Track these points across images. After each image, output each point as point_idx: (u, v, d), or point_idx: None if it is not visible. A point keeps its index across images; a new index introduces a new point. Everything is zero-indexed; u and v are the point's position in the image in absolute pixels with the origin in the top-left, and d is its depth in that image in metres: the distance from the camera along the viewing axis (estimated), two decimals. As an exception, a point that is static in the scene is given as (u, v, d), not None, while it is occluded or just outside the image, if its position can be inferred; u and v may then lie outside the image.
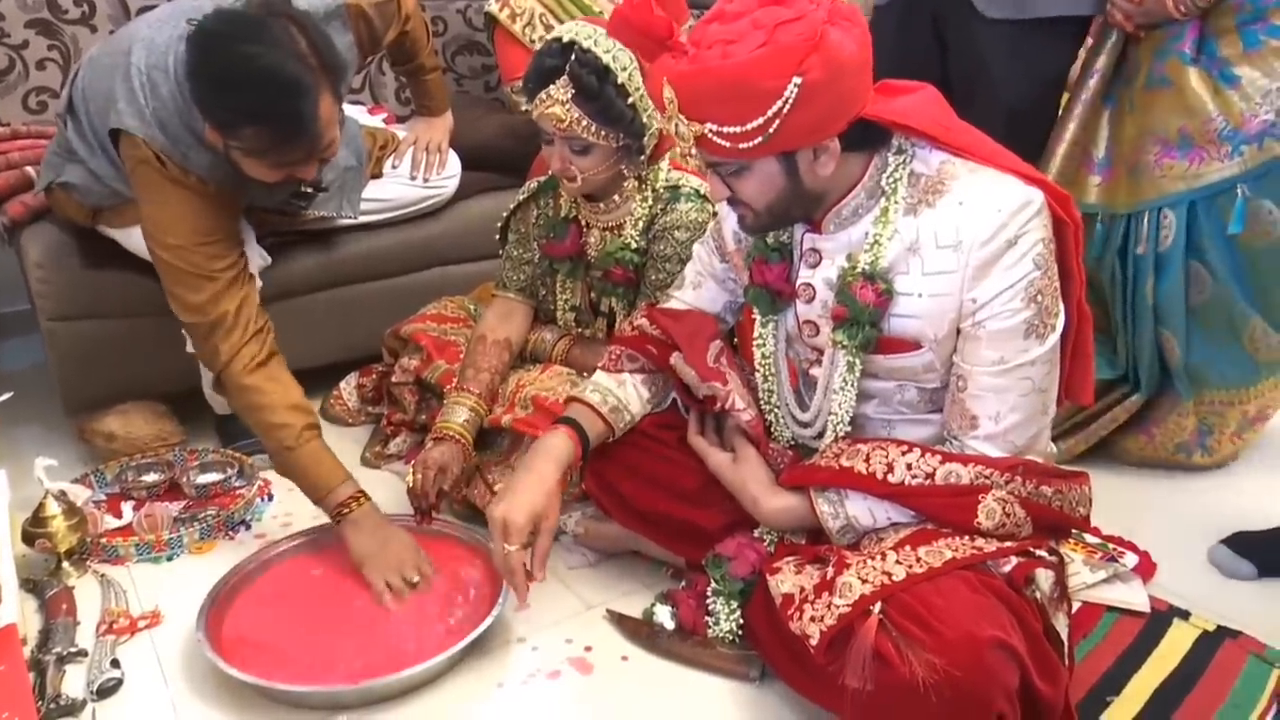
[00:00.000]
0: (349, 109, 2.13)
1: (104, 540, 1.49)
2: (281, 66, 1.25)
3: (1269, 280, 1.57)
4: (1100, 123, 1.68)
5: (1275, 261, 1.55)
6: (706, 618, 1.27)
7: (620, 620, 1.33)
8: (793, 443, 1.31)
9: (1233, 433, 1.72)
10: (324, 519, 1.50)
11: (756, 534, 1.26)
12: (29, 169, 1.85)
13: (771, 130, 1.03)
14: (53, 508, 1.42)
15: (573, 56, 1.35)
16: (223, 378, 1.43)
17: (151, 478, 1.65)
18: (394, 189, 1.97)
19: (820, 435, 1.26)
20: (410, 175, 1.98)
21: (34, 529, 1.41)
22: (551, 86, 1.36)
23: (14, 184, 1.85)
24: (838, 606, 1.05)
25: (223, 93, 1.28)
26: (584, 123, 1.36)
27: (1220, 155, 1.53)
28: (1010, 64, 1.71)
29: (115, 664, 1.24)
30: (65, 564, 1.43)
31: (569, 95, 1.35)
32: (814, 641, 1.05)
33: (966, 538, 1.10)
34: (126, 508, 1.59)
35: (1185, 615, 1.36)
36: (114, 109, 1.42)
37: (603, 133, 1.38)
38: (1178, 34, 1.56)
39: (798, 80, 1.00)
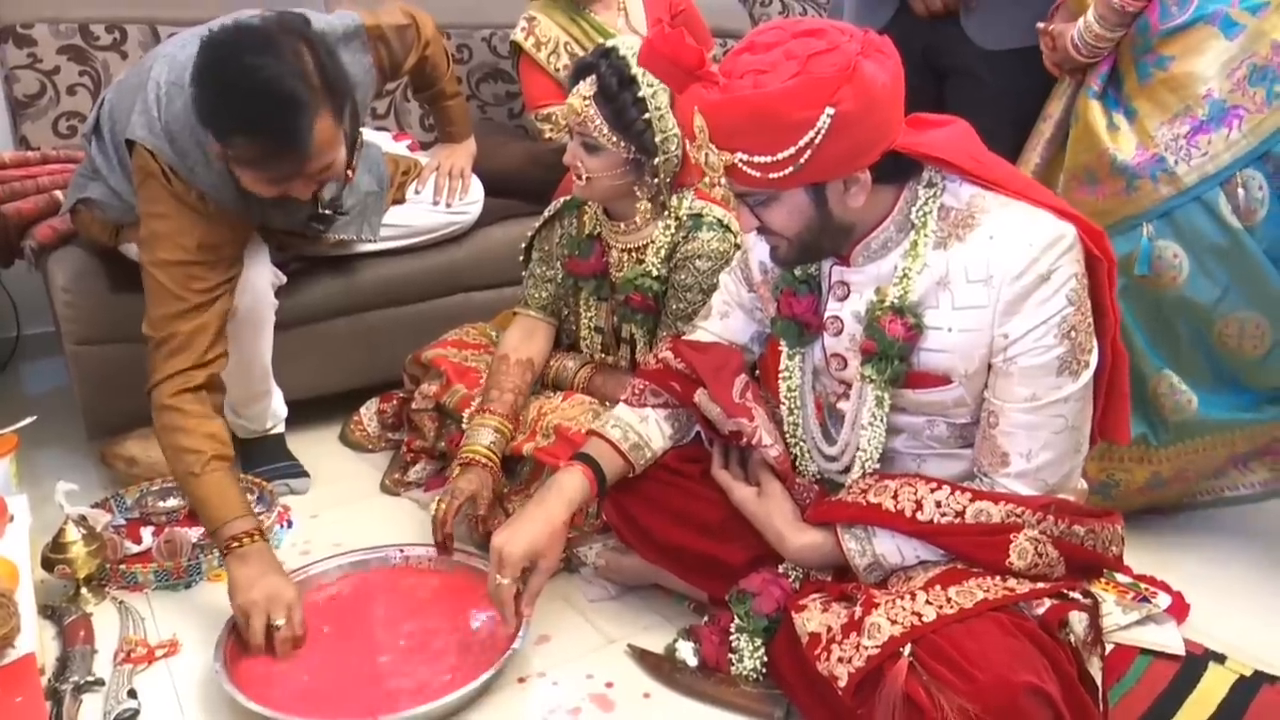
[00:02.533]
0: (372, 135, 2.15)
1: (123, 566, 1.48)
2: (279, 80, 1.27)
3: (1176, 331, 1.47)
4: (1061, 169, 1.57)
5: (1179, 311, 1.45)
6: (730, 654, 1.24)
7: (642, 656, 1.31)
8: (819, 477, 1.29)
9: (1141, 488, 1.58)
10: (346, 547, 1.49)
11: (781, 570, 1.24)
12: (58, 193, 1.87)
13: (803, 161, 1.03)
14: (73, 533, 1.41)
15: (608, 59, 1.42)
16: (151, 395, 1.43)
17: (172, 503, 1.65)
18: (416, 214, 1.98)
19: (847, 470, 1.24)
20: (433, 201, 1.99)
21: (54, 555, 1.40)
22: (581, 82, 1.43)
23: (42, 208, 1.87)
24: (866, 648, 1.02)
25: (220, 99, 1.30)
26: (596, 121, 1.41)
27: (1117, 190, 1.45)
28: (1014, 86, 1.69)
29: (132, 694, 1.23)
30: (84, 590, 1.43)
31: (591, 91, 1.41)
32: (842, 683, 1.03)
33: (998, 578, 1.08)
34: (146, 533, 1.59)
35: (1221, 659, 1.32)
36: (129, 121, 1.45)
37: (613, 137, 1.42)
38: (1093, 70, 1.51)
39: (830, 111, 1.00)
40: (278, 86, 1.27)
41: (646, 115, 1.41)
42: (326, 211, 1.70)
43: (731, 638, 1.24)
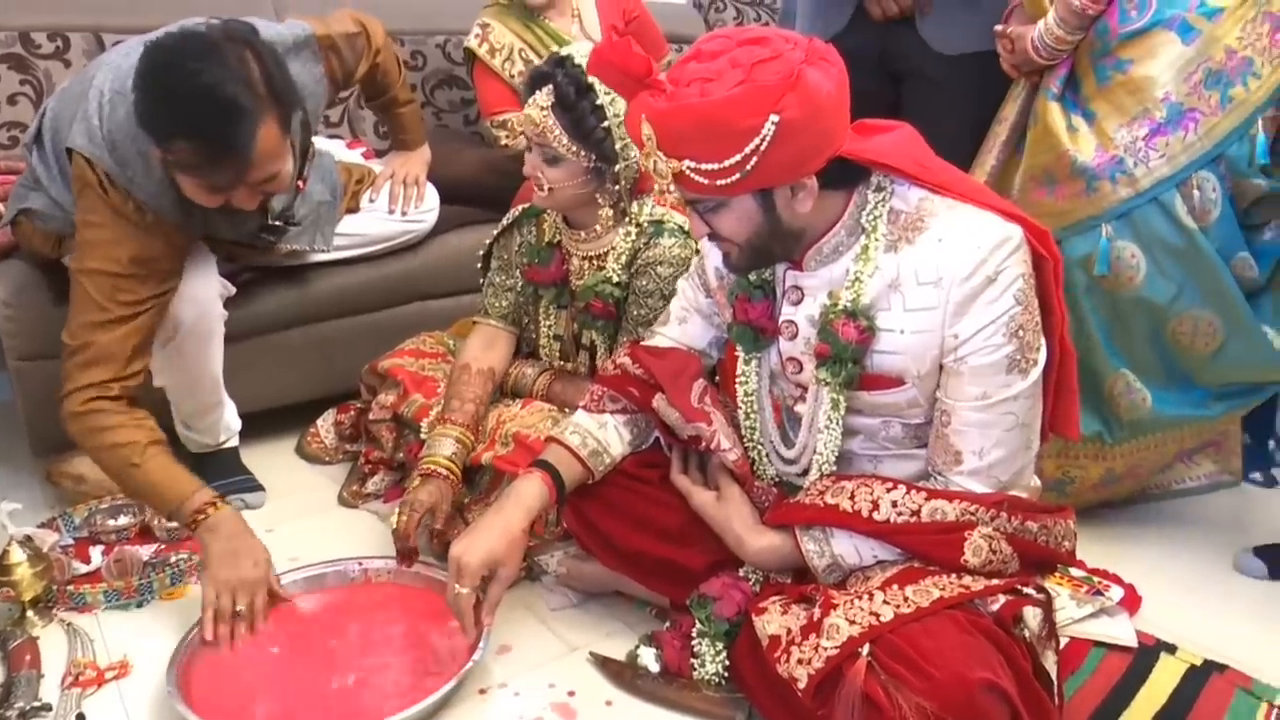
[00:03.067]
0: (326, 143, 2.13)
1: (71, 588, 1.44)
2: (220, 86, 1.26)
3: (1133, 330, 1.50)
4: (1016, 171, 1.59)
5: (1137, 310, 1.47)
6: (692, 659, 1.24)
7: (604, 663, 1.30)
8: (777, 480, 1.30)
9: (1095, 484, 1.62)
10: (304, 561, 1.47)
11: (742, 573, 1.25)
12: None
13: (749, 168, 1.04)
14: (17, 554, 1.37)
15: (563, 69, 1.40)
16: (63, 403, 1.40)
17: (122, 521, 1.61)
18: (371, 223, 1.96)
19: (805, 472, 1.25)
20: (388, 209, 1.97)
21: (-3, 576, 1.37)
22: (538, 93, 1.41)
23: (-18, 221, 1.82)
24: (825, 649, 1.03)
25: (160, 103, 1.28)
26: (556, 132, 1.40)
27: (1076, 191, 1.47)
28: (970, 89, 1.71)
29: (81, 718, 1.20)
30: (30, 613, 1.39)
31: (549, 102, 1.40)
32: (802, 685, 1.03)
33: (954, 576, 1.10)
34: (95, 552, 1.55)
35: (1172, 649, 1.35)
36: (70, 130, 1.43)
37: (573, 147, 1.41)
38: (1052, 72, 1.54)
39: (775, 119, 1.01)
40: (220, 91, 1.25)
41: (605, 123, 1.40)
42: (277, 223, 1.68)
43: (693, 643, 1.24)
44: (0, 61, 2.07)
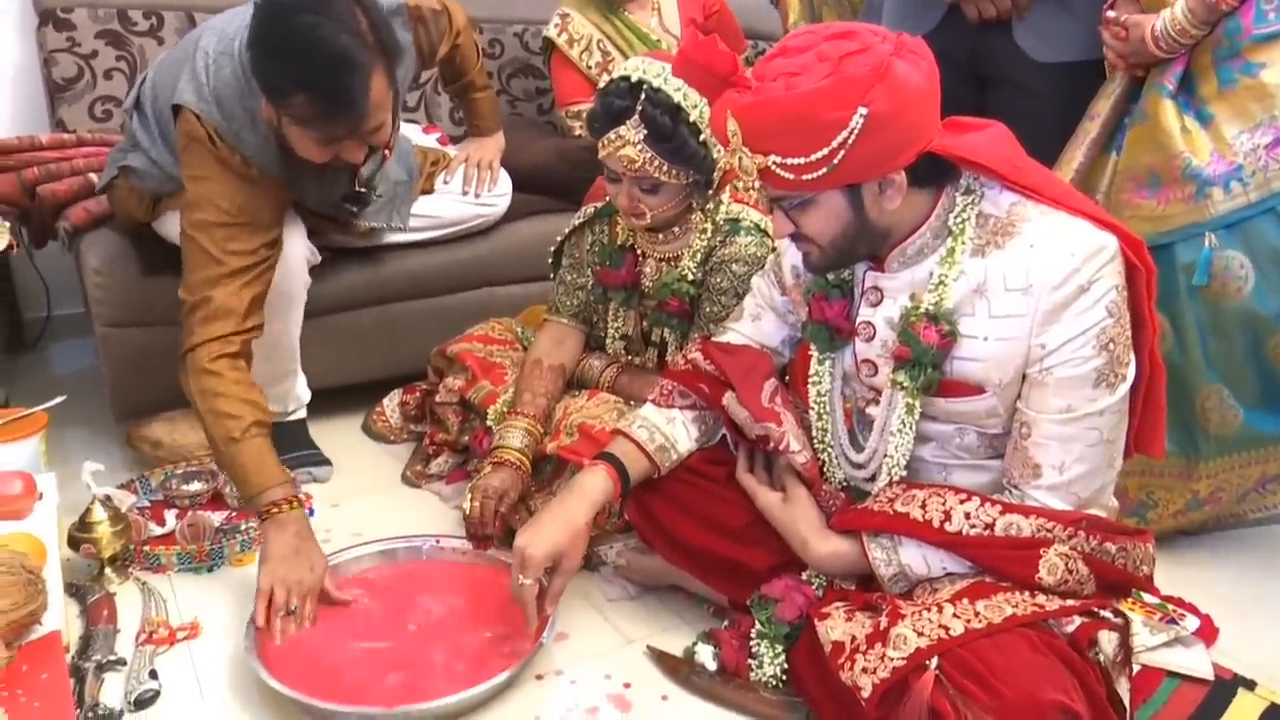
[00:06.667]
0: (403, 127, 2.16)
1: (147, 548, 1.49)
2: (335, 38, 1.29)
3: (1233, 343, 1.42)
4: (1105, 171, 1.53)
5: (1241, 322, 1.40)
6: (750, 660, 1.23)
7: (660, 657, 1.30)
8: (845, 484, 1.28)
9: (1178, 510, 1.53)
10: (366, 537, 1.50)
11: (805, 577, 1.23)
12: (93, 176, 1.89)
13: (836, 161, 1.02)
14: (99, 513, 1.42)
15: (643, 95, 1.34)
16: (186, 360, 1.43)
17: (195, 487, 1.66)
18: (445, 205, 1.98)
19: (873, 478, 1.23)
20: (461, 191, 1.99)
21: (80, 534, 1.41)
22: (622, 127, 1.35)
23: (77, 190, 1.88)
24: (892, 659, 1.01)
25: (277, 58, 1.32)
26: (656, 162, 1.35)
27: (1184, 196, 1.40)
28: (1059, 98, 1.65)
29: (153, 675, 1.23)
30: (108, 570, 1.43)
31: (640, 136, 1.34)
32: (865, 694, 1.01)
33: (1027, 593, 1.07)
34: (170, 516, 1.60)
35: (1251, 685, 1.29)
36: (175, 90, 1.48)
37: (674, 171, 1.37)
38: (1165, 68, 1.46)
39: (863, 111, 0.99)
40: (334, 44, 1.29)
41: (702, 137, 1.36)
42: (361, 190, 1.71)
43: (752, 643, 1.23)
44: (98, 38, 2.15)
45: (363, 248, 1.93)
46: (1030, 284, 1.06)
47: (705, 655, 1.27)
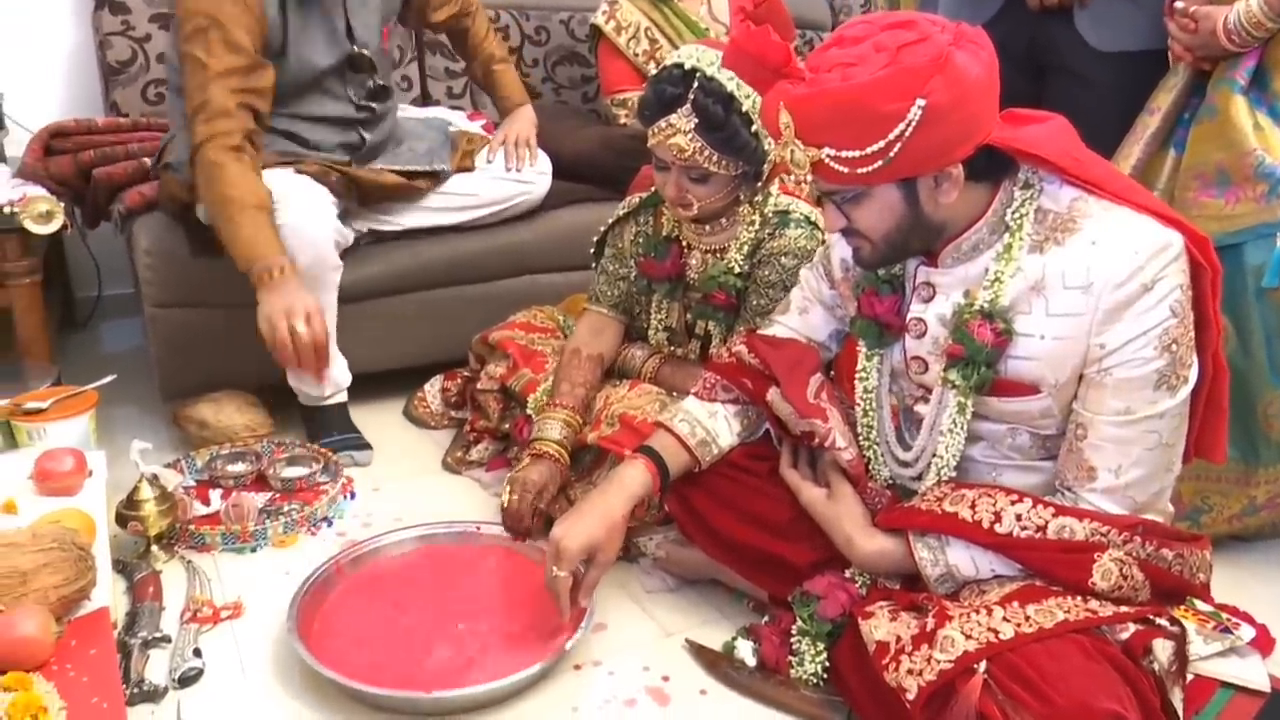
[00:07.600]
0: (448, 113, 2.20)
1: (192, 527, 1.51)
2: None
3: None
4: (1163, 167, 1.49)
5: None
6: (790, 657, 1.22)
7: (699, 651, 1.29)
8: (890, 482, 1.26)
9: (1233, 515, 1.49)
10: (406, 522, 1.50)
11: (848, 574, 1.21)
12: (146, 160, 1.92)
13: (892, 154, 1.00)
14: (146, 491, 1.44)
15: (695, 84, 1.32)
16: (195, 159, 1.55)
17: (240, 468, 1.68)
18: (485, 184, 2.00)
19: (920, 477, 1.21)
20: (504, 168, 2.00)
21: (127, 511, 1.44)
22: (673, 115, 1.33)
23: (131, 173, 1.92)
24: (939, 661, 0.99)
25: None
26: (706, 152, 1.34)
27: (1256, 195, 1.35)
28: (1120, 88, 1.61)
29: (197, 653, 1.25)
30: (154, 548, 1.46)
31: (692, 125, 1.32)
32: (911, 696, 0.99)
33: (1079, 598, 1.04)
34: (214, 495, 1.62)
35: (1309, 698, 1.25)
36: None
37: (724, 161, 1.35)
38: (1235, 62, 1.40)
39: (921, 103, 0.97)
40: None
41: (754, 128, 1.34)
42: (382, 84, 1.79)
43: (793, 640, 1.22)
44: (152, 21, 2.18)
45: (404, 232, 1.94)
46: (1091, 282, 1.03)
47: (745, 650, 1.26)
